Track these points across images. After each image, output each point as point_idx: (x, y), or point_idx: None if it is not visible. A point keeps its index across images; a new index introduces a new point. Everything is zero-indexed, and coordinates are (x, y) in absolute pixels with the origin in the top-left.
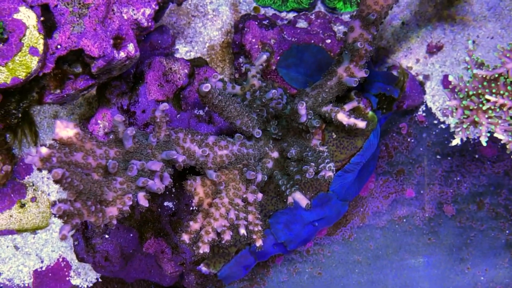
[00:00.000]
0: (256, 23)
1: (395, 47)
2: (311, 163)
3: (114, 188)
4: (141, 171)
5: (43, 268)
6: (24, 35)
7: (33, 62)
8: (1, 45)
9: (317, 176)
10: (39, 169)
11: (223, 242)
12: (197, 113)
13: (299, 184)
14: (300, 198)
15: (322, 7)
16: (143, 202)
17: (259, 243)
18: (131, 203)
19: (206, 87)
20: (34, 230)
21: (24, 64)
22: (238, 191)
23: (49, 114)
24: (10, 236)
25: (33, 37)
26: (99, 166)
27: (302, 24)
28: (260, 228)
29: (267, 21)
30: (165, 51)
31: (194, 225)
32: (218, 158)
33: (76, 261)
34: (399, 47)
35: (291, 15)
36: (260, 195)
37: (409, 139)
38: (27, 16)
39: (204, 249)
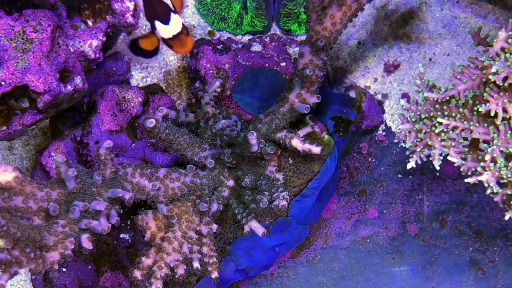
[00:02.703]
0: (210, 48)
1: (352, 66)
2: (265, 192)
3: (55, 232)
4: (85, 212)
5: None
6: None
7: None
8: None
9: (271, 205)
10: None
11: (176, 276)
12: (152, 142)
13: (256, 212)
14: (256, 227)
15: (278, 29)
16: (87, 244)
17: (214, 275)
18: (73, 246)
19: (151, 123)
20: None
21: None
22: (192, 224)
23: (4, 146)
24: None
25: None
26: (40, 209)
27: (256, 47)
28: (215, 260)
29: (221, 45)
30: (120, 77)
31: (147, 261)
32: (170, 191)
33: None
34: (356, 67)
35: (246, 38)
36: (214, 226)
37: (370, 159)
38: None
39: (157, 284)
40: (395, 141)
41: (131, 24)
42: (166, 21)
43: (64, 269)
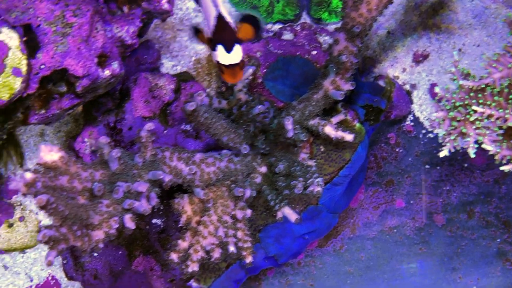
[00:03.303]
0: None
1: (381, 56)
2: (299, 178)
3: (100, 212)
4: (127, 193)
5: (33, 287)
6: (7, 56)
7: (17, 83)
8: None
9: (306, 191)
10: (24, 194)
11: (212, 260)
12: (184, 128)
13: (288, 199)
14: (289, 213)
15: (308, 18)
16: (130, 224)
17: (249, 259)
18: (117, 226)
19: (192, 106)
20: (23, 250)
21: (8, 85)
22: (227, 208)
23: (36, 132)
24: None
25: (16, 57)
26: (84, 189)
27: (287, 36)
28: (249, 245)
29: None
30: (150, 66)
31: (183, 244)
32: (205, 176)
33: (65, 279)
34: (385, 57)
35: (276, 27)
36: (249, 212)
37: (397, 149)
38: (10, 37)
39: (193, 267)
40: (423, 131)
41: (166, 10)
42: (229, 49)
43: (95, 254)
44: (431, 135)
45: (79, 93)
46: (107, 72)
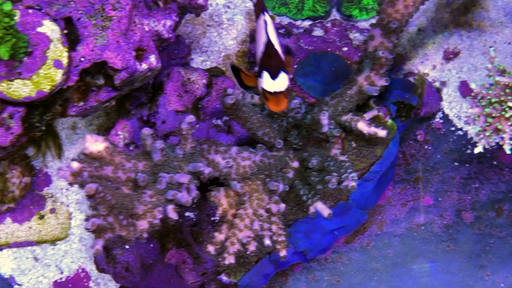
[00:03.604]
0: None
1: (411, 53)
2: (334, 173)
3: (144, 202)
4: (170, 184)
5: (63, 279)
6: (48, 48)
7: (58, 75)
8: (26, 58)
9: (340, 186)
10: (70, 184)
11: (248, 252)
12: (216, 123)
13: (320, 194)
14: (322, 208)
15: (337, 14)
16: (173, 215)
17: (283, 253)
18: (161, 216)
19: (232, 99)
20: (53, 242)
21: (49, 77)
22: (262, 202)
23: (68, 125)
24: (29, 247)
25: (57, 50)
26: (128, 179)
27: (318, 32)
28: (284, 238)
29: (283, 29)
30: (181, 61)
31: (219, 236)
32: (241, 169)
33: (95, 271)
34: (415, 54)
35: (306, 23)
36: (283, 206)
37: (426, 147)
38: (51, 29)
39: (230, 260)
40: (452, 129)
41: (201, 5)
42: (274, 76)
43: (127, 246)
44: (460, 133)
45: (117, 86)
46: (144, 66)
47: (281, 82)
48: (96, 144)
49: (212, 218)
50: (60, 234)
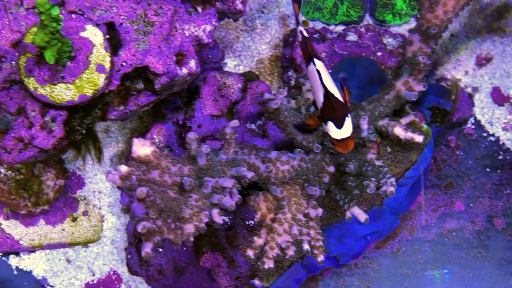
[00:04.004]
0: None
1: (444, 59)
2: (372, 178)
3: (191, 206)
4: (214, 188)
5: (95, 281)
6: (91, 53)
7: (100, 80)
8: (69, 63)
9: (379, 191)
10: (119, 187)
11: (287, 257)
12: (250, 127)
13: (357, 199)
14: (358, 213)
15: (370, 19)
16: (218, 219)
17: (320, 258)
18: (207, 220)
19: (276, 104)
20: (85, 244)
21: (91, 82)
22: (300, 207)
23: (101, 128)
24: (62, 249)
25: (100, 54)
26: (174, 183)
27: (352, 37)
28: (321, 244)
29: (318, 34)
30: (215, 65)
31: (258, 241)
32: (280, 174)
33: (127, 274)
34: (447, 59)
35: (339, 28)
36: (320, 210)
37: (458, 152)
38: (94, 34)
39: (269, 264)
40: (484, 134)
41: (240, 10)
42: (340, 125)
43: (160, 250)
44: (492, 139)
45: (157, 90)
46: (184, 70)
47: (347, 129)
48: (143, 148)
49: (247, 222)
50: (92, 237)
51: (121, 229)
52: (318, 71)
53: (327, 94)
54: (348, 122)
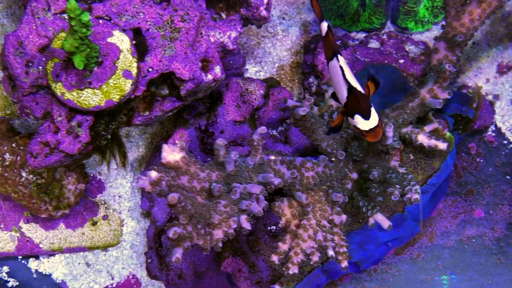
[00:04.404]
0: None
1: (465, 66)
2: (396, 185)
3: (220, 211)
4: (242, 194)
5: (114, 285)
6: (118, 59)
7: (127, 85)
8: (96, 68)
9: (403, 199)
10: (149, 193)
11: (311, 263)
12: (272, 133)
13: (380, 206)
14: (381, 220)
15: (392, 26)
16: (246, 225)
17: (344, 264)
18: (236, 226)
19: (303, 111)
20: (105, 248)
21: (118, 87)
22: (324, 213)
23: (122, 133)
24: (81, 253)
25: (127, 60)
26: (202, 189)
27: (374, 44)
28: (345, 250)
29: (340, 41)
30: (236, 71)
31: (283, 246)
32: (305, 180)
33: (146, 278)
34: (469, 67)
35: (361, 35)
36: (344, 217)
37: (478, 159)
38: (121, 40)
39: (294, 270)
40: (505, 142)
41: (264, 17)
42: (367, 117)
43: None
44: None
45: (182, 96)
46: (209, 76)
47: (374, 119)
48: (173, 154)
49: (269, 228)
50: (112, 241)
51: (141, 234)
52: (340, 67)
53: (351, 88)
54: (373, 112)
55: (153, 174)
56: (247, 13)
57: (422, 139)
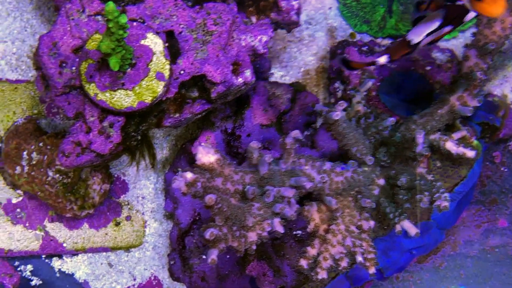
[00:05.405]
0: (356, 49)
1: (491, 75)
2: (425, 193)
3: (254, 214)
4: (275, 197)
5: (135, 286)
6: (151, 61)
7: (159, 87)
8: (129, 70)
9: (432, 206)
10: (184, 194)
11: (340, 268)
12: (298, 137)
13: (407, 213)
14: (409, 227)
15: None
16: (279, 228)
17: (372, 270)
18: (270, 229)
19: (337, 115)
20: (127, 248)
21: (151, 89)
22: (353, 218)
23: None
24: (104, 253)
25: (160, 62)
26: (236, 191)
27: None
28: (373, 256)
29: (366, 47)
30: (262, 75)
31: (312, 251)
32: (334, 185)
33: (167, 280)
34: (494, 75)
35: (387, 42)
36: (373, 223)
37: (502, 168)
38: (154, 42)
39: (323, 275)
40: None
41: (294, 22)
42: None
43: (204, 256)
44: None
45: (213, 99)
46: (240, 80)
47: None
48: (208, 156)
49: (294, 232)
50: (134, 242)
51: (163, 235)
52: None
53: None
54: None
55: (189, 175)
56: (277, 17)
57: (450, 146)
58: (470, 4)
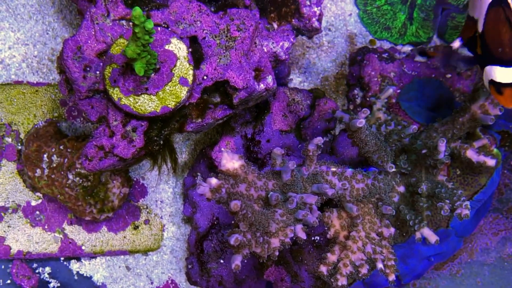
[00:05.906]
0: (376, 56)
1: None
2: (446, 200)
3: (277, 220)
4: (298, 204)
5: None
6: (175, 66)
7: (183, 92)
8: (153, 74)
9: (453, 214)
10: (208, 199)
11: (360, 275)
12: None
13: (427, 220)
14: (429, 234)
15: (438, 40)
16: (302, 234)
17: (391, 278)
18: (292, 235)
19: (360, 123)
20: (145, 252)
21: (174, 94)
22: (374, 225)
23: None
24: (122, 256)
25: (184, 67)
26: (259, 197)
27: (420, 58)
28: (393, 263)
29: (387, 54)
30: (281, 81)
31: (332, 257)
32: (355, 191)
33: (184, 283)
34: None
35: (407, 48)
36: (393, 230)
37: None
38: (178, 47)
39: (343, 281)
40: None
41: (316, 28)
42: (509, 63)
43: (221, 261)
44: None
45: (234, 104)
46: (262, 86)
47: None
48: (232, 162)
49: (313, 238)
50: (152, 245)
51: (181, 239)
52: None
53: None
54: None
55: (214, 181)
56: (298, 24)
57: (471, 154)
58: (490, 89)
